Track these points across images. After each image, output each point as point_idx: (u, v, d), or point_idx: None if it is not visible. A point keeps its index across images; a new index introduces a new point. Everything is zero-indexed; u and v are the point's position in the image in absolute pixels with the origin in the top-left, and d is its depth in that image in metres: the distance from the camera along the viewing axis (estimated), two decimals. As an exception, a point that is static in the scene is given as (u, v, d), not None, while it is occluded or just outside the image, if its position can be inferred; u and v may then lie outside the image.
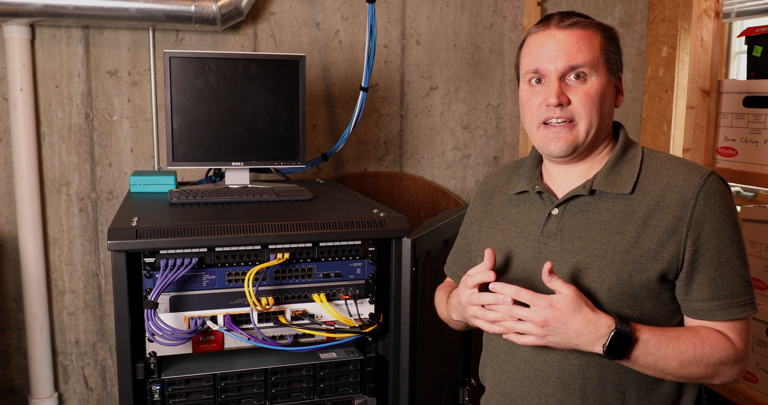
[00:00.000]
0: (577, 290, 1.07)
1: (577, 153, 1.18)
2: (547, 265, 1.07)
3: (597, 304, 1.11)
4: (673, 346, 1.08)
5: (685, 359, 1.08)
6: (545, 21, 1.19)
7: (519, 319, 1.10)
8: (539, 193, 1.23)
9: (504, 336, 1.13)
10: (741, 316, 1.11)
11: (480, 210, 1.35)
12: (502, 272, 1.23)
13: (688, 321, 1.15)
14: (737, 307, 1.10)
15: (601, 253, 1.12)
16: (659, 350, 1.08)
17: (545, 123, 1.17)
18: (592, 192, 1.17)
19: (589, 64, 1.14)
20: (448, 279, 1.48)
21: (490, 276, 1.13)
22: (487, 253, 1.15)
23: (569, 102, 1.14)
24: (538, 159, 1.30)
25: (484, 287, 1.16)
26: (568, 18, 1.17)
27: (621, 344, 1.06)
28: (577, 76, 1.15)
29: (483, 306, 1.14)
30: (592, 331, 1.06)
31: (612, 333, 1.05)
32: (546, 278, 1.07)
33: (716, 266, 1.10)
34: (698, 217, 1.09)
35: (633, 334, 1.06)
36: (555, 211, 1.19)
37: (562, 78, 1.15)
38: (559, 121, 1.15)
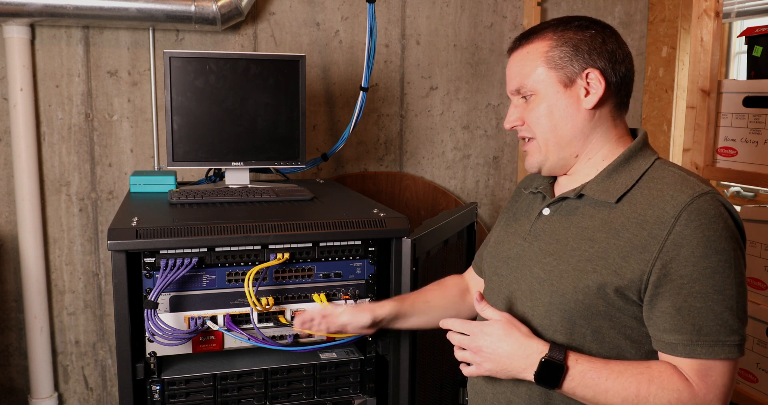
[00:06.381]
0: (509, 317, 1.07)
1: (549, 168, 1.18)
2: (475, 295, 1.11)
3: (551, 310, 1.08)
4: (614, 380, 0.99)
5: (627, 397, 0.98)
6: None
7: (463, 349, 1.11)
8: (542, 193, 1.24)
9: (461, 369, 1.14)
10: (707, 356, 0.97)
11: (507, 207, 1.37)
12: (493, 266, 1.26)
13: (659, 354, 1.05)
14: (704, 347, 0.97)
15: (567, 258, 1.09)
16: (598, 383, 0.99)
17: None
18: (580, 196, 1.13)
19: (527, 83, 1.14)
20: (469, 270, 1.47)
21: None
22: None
23: (524, 122, 1.17)
24: None
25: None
26: (521, 38, 1.18)
27: (551, 373, 1.00)
28: (524, 97, 1.16)
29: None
30: (522, 356, 1.03)
31: (542, 359, 1.01)
32: (477, 307, 1.07)
33: (685, 296, 0.98)
34: (675, 239, 0.98)
35: (565, 362, 1.00)
36: (546, 211, 1.18)
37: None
38: (524, 139, 1.19)
